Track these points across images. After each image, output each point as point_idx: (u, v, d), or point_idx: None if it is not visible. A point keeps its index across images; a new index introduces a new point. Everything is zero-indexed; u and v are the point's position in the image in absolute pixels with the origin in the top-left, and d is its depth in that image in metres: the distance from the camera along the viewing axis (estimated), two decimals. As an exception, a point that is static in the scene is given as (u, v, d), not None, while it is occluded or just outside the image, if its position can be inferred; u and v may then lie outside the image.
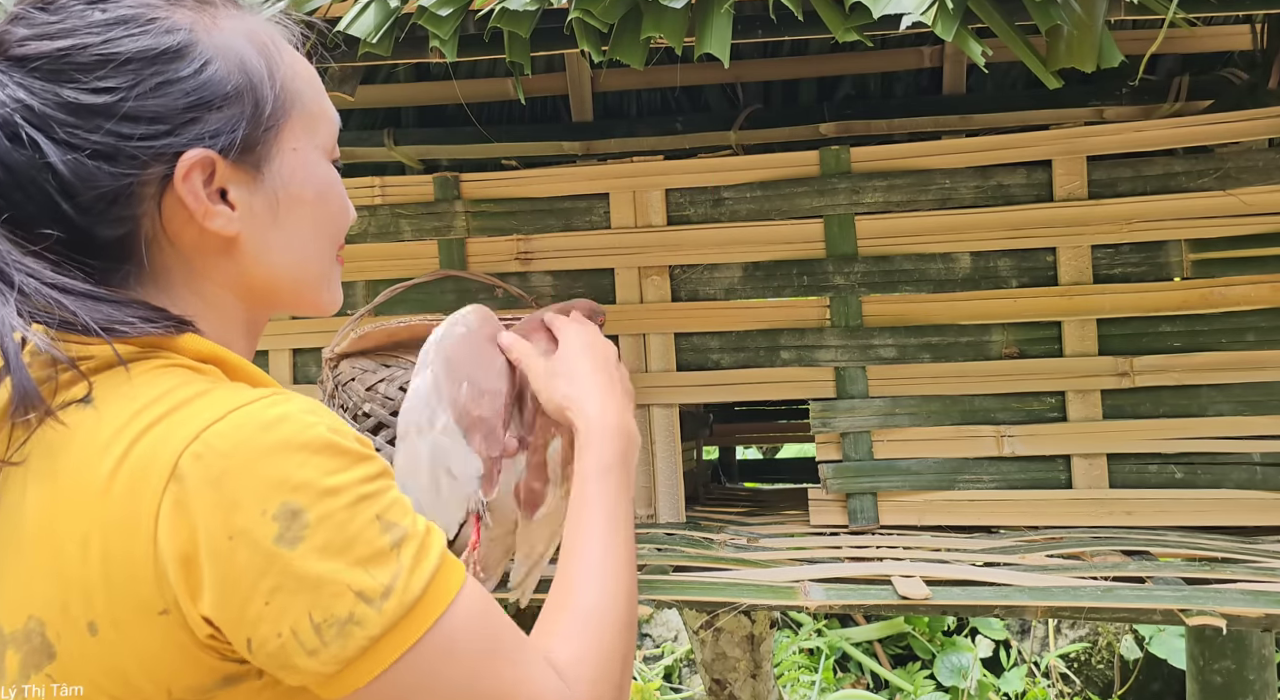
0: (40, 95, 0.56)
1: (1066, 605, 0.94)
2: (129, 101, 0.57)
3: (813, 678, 3.16)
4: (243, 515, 0.50)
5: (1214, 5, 0.97)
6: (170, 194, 0.59)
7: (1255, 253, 1.25)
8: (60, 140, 0.56)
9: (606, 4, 0.95)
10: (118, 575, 0.51)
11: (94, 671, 0.52)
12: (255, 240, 0.63)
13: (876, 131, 1.56)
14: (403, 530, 0.54)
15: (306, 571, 0.50)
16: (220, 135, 0.60)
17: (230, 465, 0.50)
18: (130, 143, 0.57)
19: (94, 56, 0.57)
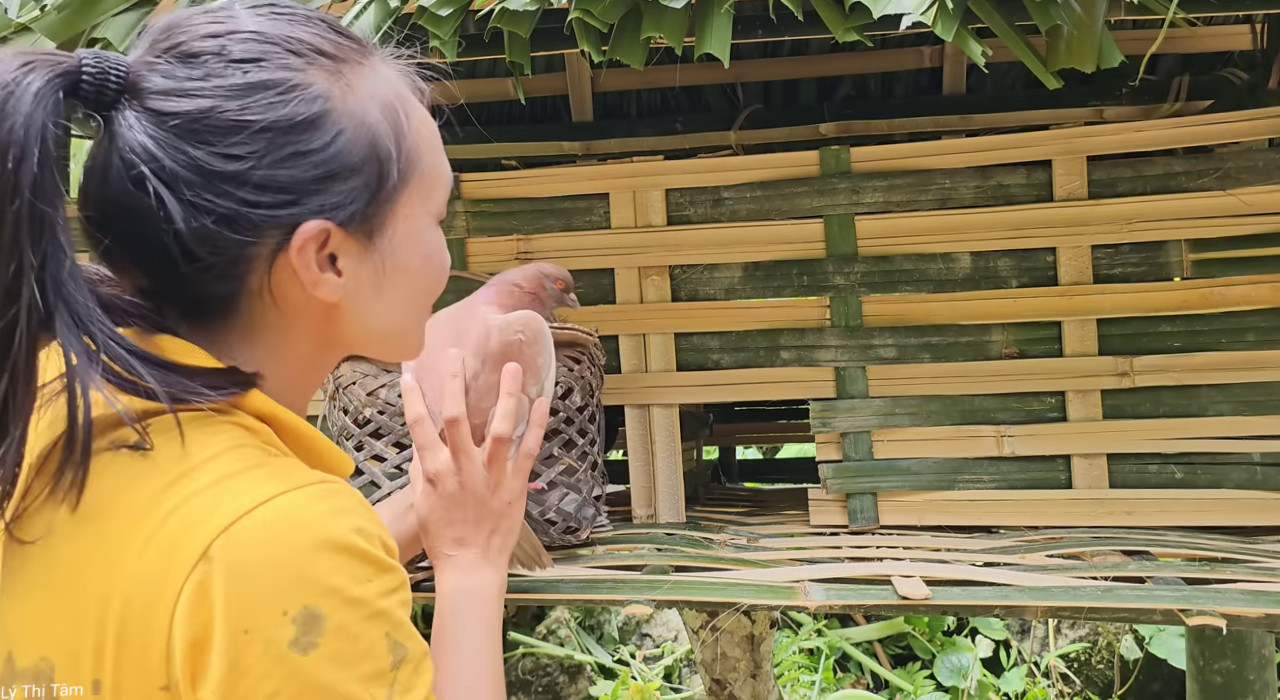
0: (170, 151, 0.55)
1: (1066, 605, 0.94)
2: (258, 170, 0.56)
3: (813, 678, 3.16)
4: (263, 613, 0.50)
5: (1214, 5, 0.97)
6: (282, 258, 0.59)
7: (1255, 253, 1.25)
8: (184, 199, 0.55)
9: (606, 4, 0.95)
10: (130, 642, 0.51)
11: None
12: (356, 306, 0.63)
13: (876, 131, 1.57)
14: (404, 652, 0.55)
15: (313, 679, 0.50)
16: (341, 207, 0.59)
17: (259, 558, 0.50)
18: (253, 210, 0.56)
19: (230, 121, 0.56)
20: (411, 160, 0.63)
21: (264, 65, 0.57)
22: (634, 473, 1.37)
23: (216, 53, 0.57)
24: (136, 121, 0.55)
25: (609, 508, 1.51)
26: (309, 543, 0.51)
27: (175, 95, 0.55)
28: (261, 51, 0.57)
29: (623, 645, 3.52)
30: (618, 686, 3.14)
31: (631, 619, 3.60)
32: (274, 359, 0.62)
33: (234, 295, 0.59)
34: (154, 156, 0.55)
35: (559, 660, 3.26)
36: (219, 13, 0.59)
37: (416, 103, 0.65)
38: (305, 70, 0.58)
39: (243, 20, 0.58)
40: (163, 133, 0.55)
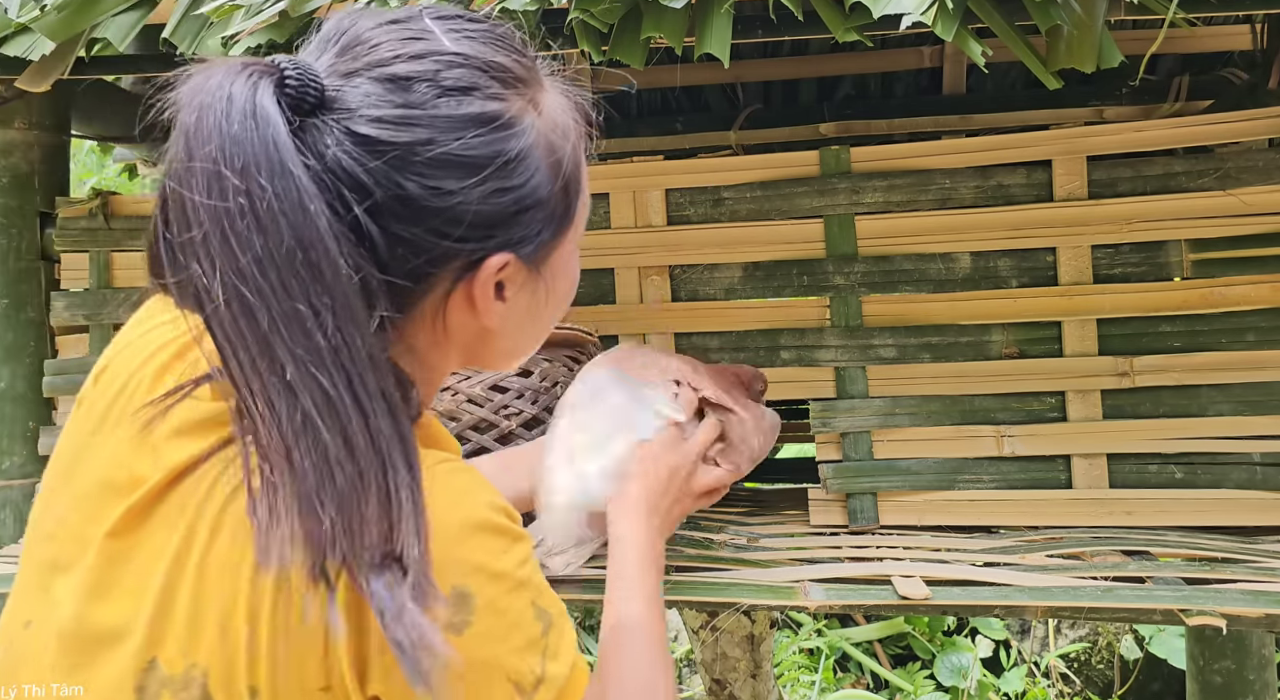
0: (381, 181, 0.52)
1: (1066, 605, 0.94)
2: (465, 205, 0.55)
3: (813, 678, 3.16)
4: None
5: (1214, 5, 0.97)
6: (462, 288, 0.58)
7: (1255, 253, 1.25)
8: (386, 229, 0.53)
9: (606, 4, 0.95)
10: (288, 645, 0.51)
11: None
12: (510, 328, 0.63)
13: (876, 131, 1.56)
14: (549, 617, 0.56)
15: (470, 657, 0.51)
16: (527, 240, 0.59)
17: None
18: (451, 243, 0.55)
19: (447, 156, 0.54)
20: (581, 187, 0.63)
21: (476, 96, 0.55)
22: (634, 473, 1.37)
23: (429, 79, 0.54)
24: (339, 144, 0.52)
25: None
26: (448, 524, 0.52)
27: (391, 124, 0.53)
28: (472, 80, 0.55)
29: (623, 645, 3.52)
30: (618, 686, 3.13)
31: None
32: (421, 370, 0.62)
33: (402, 320, 0.58)
34: (361, 184, 0.52)
35: (559, 660, 3.26)
36: (413, 26, 0.56)
37: (576, 127, 0.63)
38: (511, 101, 0.57)
39: (442, 40, 0.56)
40: (374, 161, 0.52)
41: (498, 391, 1.11)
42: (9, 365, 1.40)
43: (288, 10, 1.01)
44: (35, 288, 1.43)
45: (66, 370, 1.41)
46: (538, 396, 1.14)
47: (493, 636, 0.52)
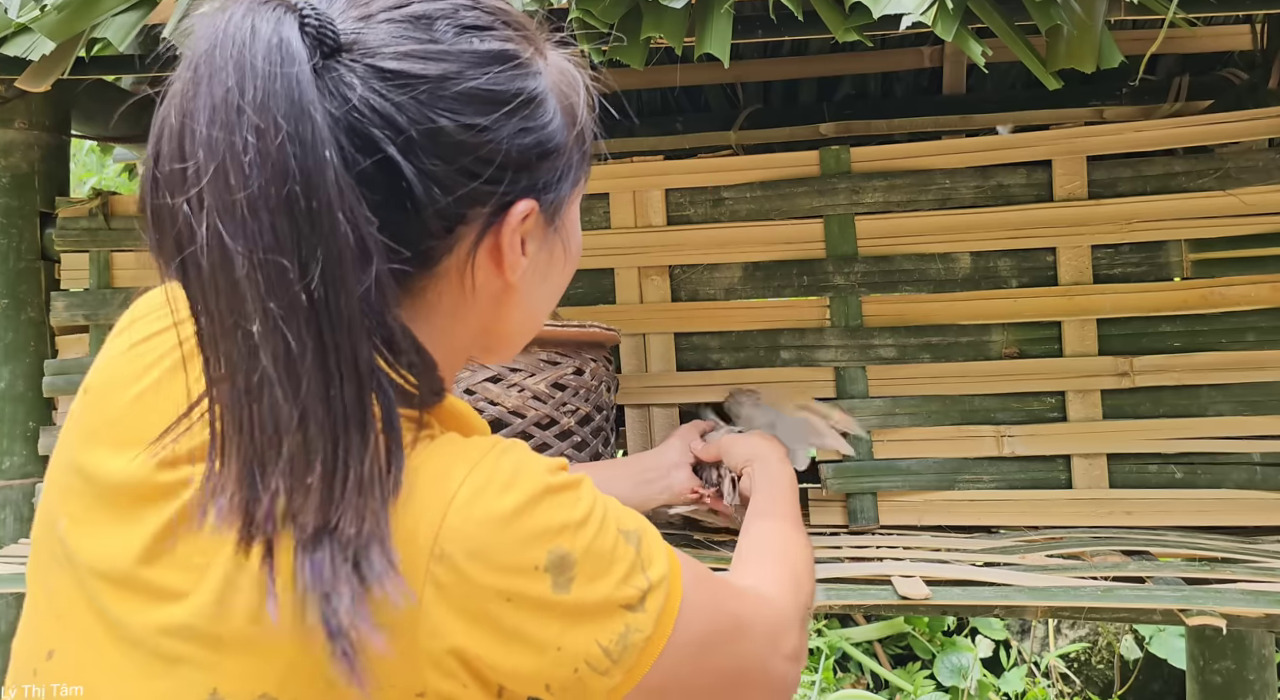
0: (414, 117, 0.51)
1: (1066, 605, 0.94)
2: (495, 143, 0.54)
3: (813, 678, 3.16)
4: (517, 578, 0.50)
5: (1214, 5, 0.97)
6: (489, 238, 0.57)
7: (1255, 253, 1.25)
8: (422, 168, 0.52)
9: (606, 4, 0.95)
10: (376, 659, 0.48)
11: None
12: (525, 290, 0.62)
13: (876, 131, 1.56)
14: (636, 531, 0.56)
15: (584, 606, 0.52)
16: (549, 187, 0.59)
17: (488, 536, 0.50)
18: (483, 184, 0.54)
19: (473, 90, 0.53)
20: (589, 143, 0.64)
21: (493, 35, 0.55)
22: (634, 473, 1.37)
23: (447, 17, 0.54)
24: (365, 82, 0.50)
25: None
26: (520, 500, 0.51)
27: (419, 58, 0.52)
28: (489, 21, 0.56)
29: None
30: (618, 686, 3.14)
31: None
32: (438, 341, 0.58)
33: (428, 275, 0.56)
34: (393, 121, 0.51)
35: (559, 660, 3.26)
36: None
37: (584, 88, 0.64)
38: (523, 45, 0.57)
39: None
40: (404, 95, 0.51)
41: (559, 389, 1.14)
42: (9, 365, 1.41)
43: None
44: (35, 288, 1.43)
45: (67, 370, 1.41)
46: (589, 394, 1.17)
47: (597, 577, 0.52)
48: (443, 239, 0.55)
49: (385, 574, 0.47)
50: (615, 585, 0.53)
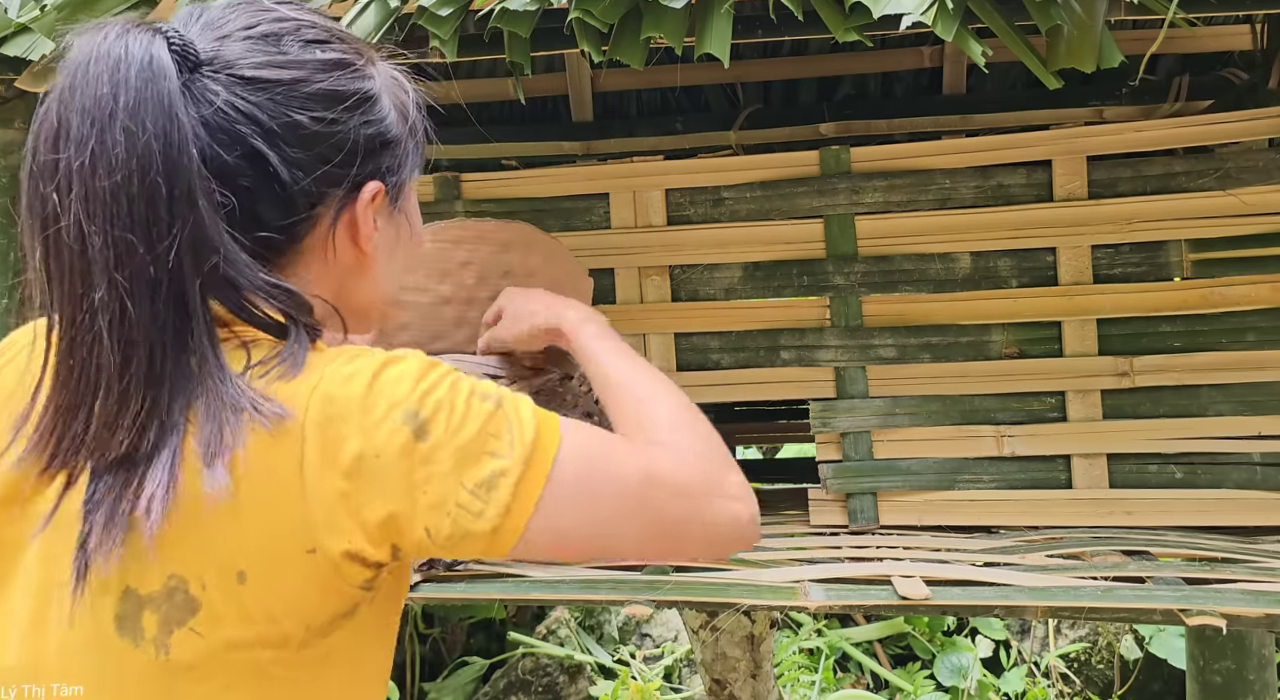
0: (273, 115, 0.62)
1: (1066, 605, 0.94)
2: (343, 133, 0.65)
3: (813, 678, 3.16)
4: (379, 432, 0.58)
5: (1214, 5, 0.97)
6: (345, 215, 0.67)
7: (1255, 253, 1.24)
8: (284, 156, 0.63)
9: (606, 4, 0.95)
10: (269, 526, 0.57)
11: (239, 616, 0.57)
12: (377, 265, 0.71)
13: (876, 131, 1.56)
14: (496, 395, 0.63)
15: (444, 452, 0.58)
16: (391, 171, 0.70)
17: (351, 401, 0.58)
18: (337, 168, 0.65)
19: (322, 91, 0.64)
20: (420, 138, 0.74)
21: (333, 47, 0.67)
22: (634, 473, 1.37)
23: (292, 34, 0.65)
24: (229, 88, 0.61)
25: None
26: (371, 374, 0.59)
27: (273, 66, 0.63)
28: (326, 36, 0.67)
29: (623, 645, 3.52)
30: (618, 686, 3.14)
31: (631, 619, 3.60)
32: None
33: (295, 249, 0.66)
34: (255, 118, 0.61)
35: (559, 660, 3.26)
36: (262, 4, 0.67)
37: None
38: (356, 55, 0.68)
39: (291, 11, 0.67)
40: (263, 98, 0.62)
41: (544, 395, 1.12)
42: (9, 365, 1.40)
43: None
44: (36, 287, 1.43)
45: (66, 370, 1.41)
46: (578, 400, 1.16)
47: (454, 428, 0.59)
48: (306, 215, 0.65)
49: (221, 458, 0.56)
50: (474, 435, 0.59)
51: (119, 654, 0.56)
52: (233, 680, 0.57)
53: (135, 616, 0.56)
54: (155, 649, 0.56)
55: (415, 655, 3.25)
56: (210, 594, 0.56)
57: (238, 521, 0.56)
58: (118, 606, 0.56)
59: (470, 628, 3.45)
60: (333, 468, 0.57)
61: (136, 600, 0.56)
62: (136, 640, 0.56)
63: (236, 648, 0.57)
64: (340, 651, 0.61)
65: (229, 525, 0.56)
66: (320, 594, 0.58)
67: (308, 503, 0.57)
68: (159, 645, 0.56)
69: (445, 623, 3.38)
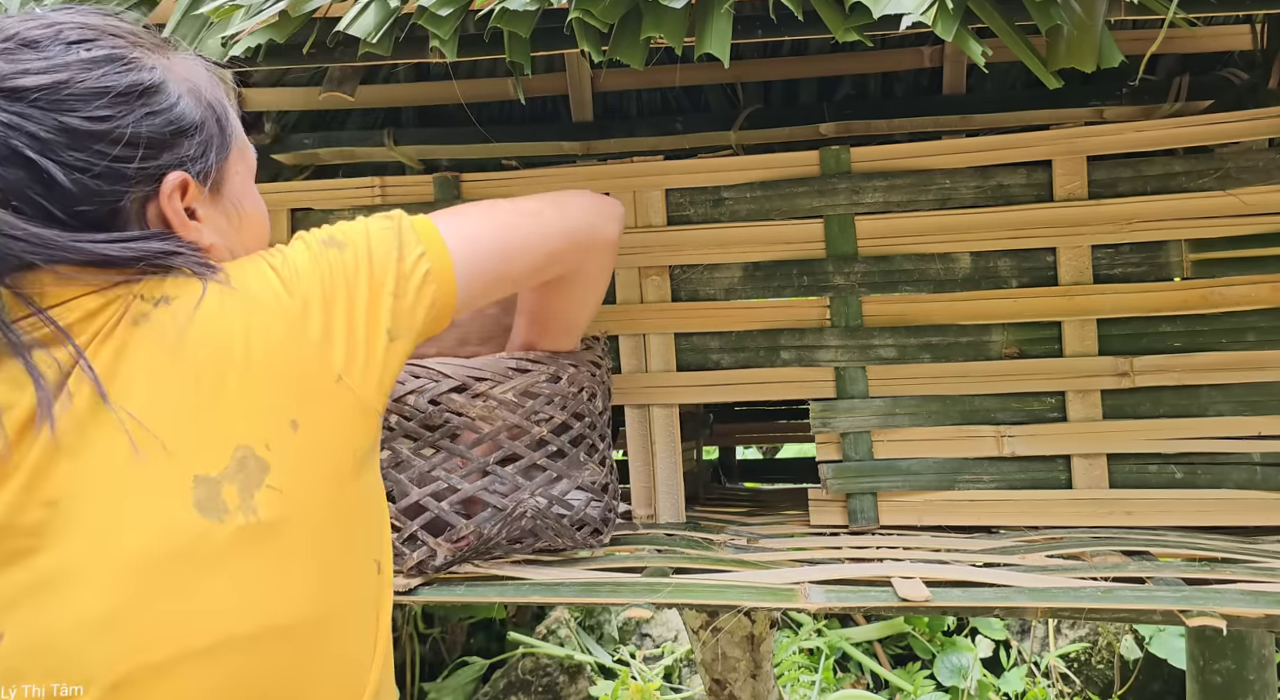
0: (41, 122, 0.63)
1: (1066, 605, 0.94)
2: (123, 128, 0.66)
3: (813, 678, 3.16)
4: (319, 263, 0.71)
5: (1214, 5, 0.97)
6: (151, 208, 0.69)
7: (1255, 253, 1.24)
8: (62, 161, 0.64)
9: (606, 4, 0.95)
10: (295, 371, 0.66)
11: (302, 460, 0.65)
12: (224, 249, 0.75)
13: (876, 131, 1.56)
14: (396, 213, 0.79)
15: (362, 241, 0.75)
16: (195, 160, 0.71)
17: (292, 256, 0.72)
18: (122, 164, 0.66)
19: (90, 89, 0.65)
20: (233, 125, 0.77)
21: (100, 44, 0.67)
22: (634, 473, 1.37)
23: (53, 38, 0.66)
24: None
25: (609, 508, 1.50)
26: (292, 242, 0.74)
27: (31, 73, 0.64)
28: (93, 35, 0.68)
29: (623, 645, 3.52)
30: (618, 686, 3.14)
31: (631, 619, 3.60)
32: None
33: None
34: (27, 132, 0.63)
35: (559, 660, 3.26)
36: (29, 13, 0.68)
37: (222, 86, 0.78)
38: (133, 49, 0.69)
39: (60, 15, 0.68)
40: (29, 108, 0.63)
41: (529, 397, 1.11)
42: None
43: (288, 10, 1.01)
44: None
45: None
46: (566, 402, 1.14)
47: (361, 228, 0.75)
48: (106, 211, 0.67)
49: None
50: (380, 229, 0.76)
51: (207, 535, 0.61)
52: (314, 525, 0.65)
53: (215, 495, 0.62)
54: (244, 515, 0.62)
55: (415, 655, 3.24)
56: (275, 450, 0.64)
57: (268, 379, 0.65)
58: (193, 495, 0.62)
59: (470, 628, 3.45)
60: (306, 288, 0.69)
61: (210, 482, 0.62)
62: (220, 515, 0.62)
63: (309, 490, 0.65)
64: (371, 483, 0.71)
65: (263, 386, 0.65)
66: (357, 418, 0.68)
67: (310, 337, 0.67)
68: (245, 510, 0.62)
69: (445, 623, 3.38)
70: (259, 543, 0.63)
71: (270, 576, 0.63)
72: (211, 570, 0.61)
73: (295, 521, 0.64)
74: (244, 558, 0.62)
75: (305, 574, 0.65)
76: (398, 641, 3.22)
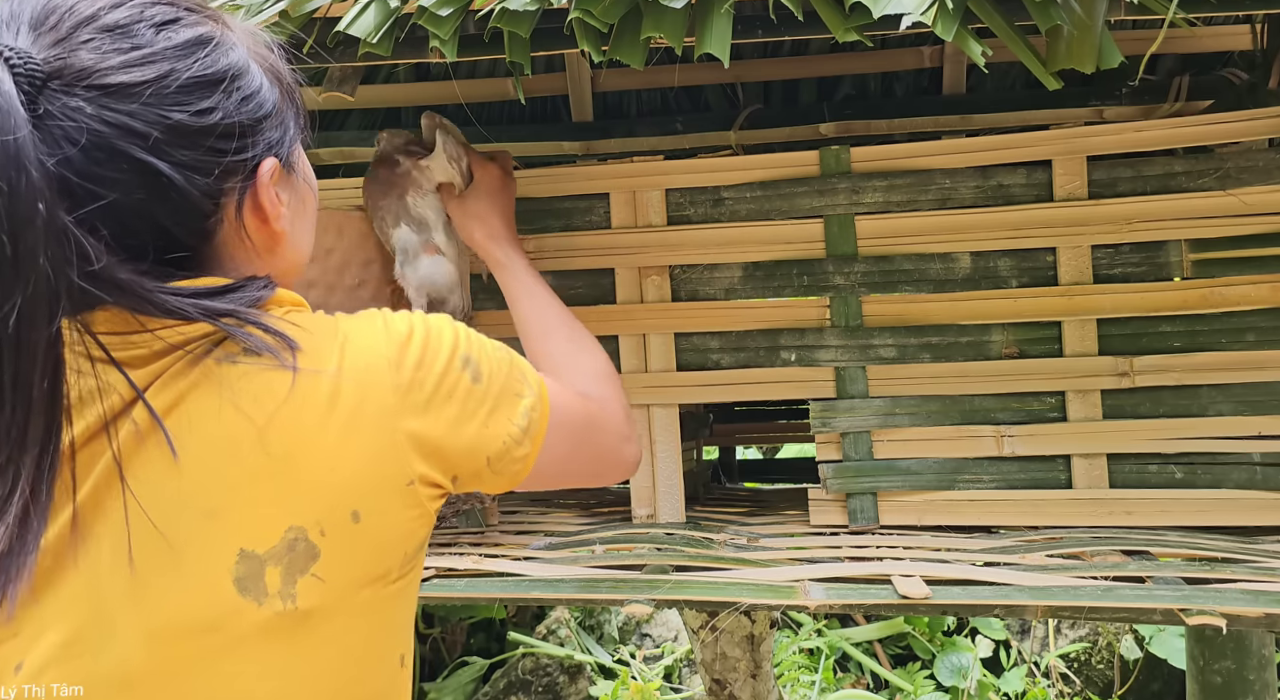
0: (148, 120, 0.57)
1: (1066, 605, 0.94)
2: (227, 119, 0.61)
3: (813, 678, 3.16)
4: (449, 379, 0.67)
5: (1214, 5, 0.97)
6: (249, 200, 0.65)
7: (1255, 253, 1.24)
8: (175, 161, 0.58)
9: (606, 4, 0.95)
10: (372, 465, 0.62)
11: (356, 555, 0.62)
12: (293, 234, 0.71)
13: (876, 131, 1.56)
14: (500, 343, 0.75)
15: (495, 394, 0.71)
16: (281, 142, 0.67)
17: (420, 352, 0.67)
18: (231, 157, 0.62)
19: (191, 80, 0.59)
20: (296, 92, 0.71)
21: (183, 25, 0.61)
22: (634, 473, 1.37)
23: (140, 20, 0.59)
24: (92, 102, 0.55)
25: (609, 509, 1.51)
26: (428, 329, 0.69)
27: (132, 66, 0.57)
28: (173, 14, 0.61)
29: (623, 645, 3.52)
30: (618, 686, 3.14)
31: (631, 619, 3.60)
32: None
33: (212, 245, 0.65)
34: (131, 129, 0.56)
35: (559, 660, 3.26)
36: None
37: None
38: (208, 24, 0.63)
39: None
40: (135, 105, 0.56)
41: None
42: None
43: (288, 10, 1.02)
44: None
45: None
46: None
47: (495, 374, 0.71)
48: (214, 214, 0.63)
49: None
50: (508, 375, 0.73)
51: (240, 614, 0.58)
52: (350, 619, 0.62)
53: (258, 575, 0.58)
54: (282, 601, 0.58)
55: (415, 655, 3.24)
56: (330, 539, 0.60)
57: (342, 465, 0.61)
58: (235, 570, 0.58)
59: (470, 628, 3.45)
60: (411, 406, 0.64)
61: (255, 560, 0.58)
62: (260, 598, 0.58)
63: (354, 585, 0.61)
64: (413, 581, 0.68)
65: (336, 470, 0.61)
66: (417, 520, 0.65)
67: (399, 440, 0.63)
68: (285, 597, 0.59)
69: (445, 623, 3.38)
70: (291, 632, 0.59)
71: (295, 668, 0.59)
72: (237, 654, 0.58)
73: (331, 614, 0.60)
74: (272, 645, 0.58)
75: (331, 669, 0.61)
76: (398, 641, 3.21)
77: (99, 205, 0.56)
